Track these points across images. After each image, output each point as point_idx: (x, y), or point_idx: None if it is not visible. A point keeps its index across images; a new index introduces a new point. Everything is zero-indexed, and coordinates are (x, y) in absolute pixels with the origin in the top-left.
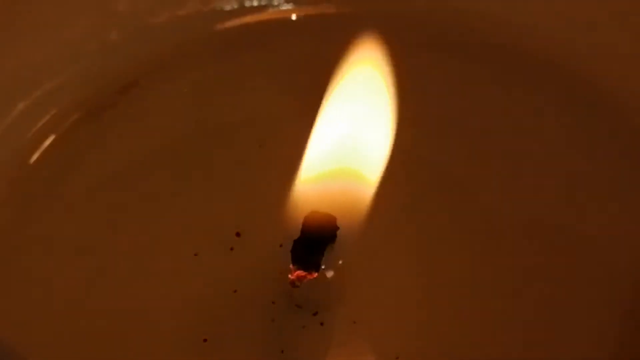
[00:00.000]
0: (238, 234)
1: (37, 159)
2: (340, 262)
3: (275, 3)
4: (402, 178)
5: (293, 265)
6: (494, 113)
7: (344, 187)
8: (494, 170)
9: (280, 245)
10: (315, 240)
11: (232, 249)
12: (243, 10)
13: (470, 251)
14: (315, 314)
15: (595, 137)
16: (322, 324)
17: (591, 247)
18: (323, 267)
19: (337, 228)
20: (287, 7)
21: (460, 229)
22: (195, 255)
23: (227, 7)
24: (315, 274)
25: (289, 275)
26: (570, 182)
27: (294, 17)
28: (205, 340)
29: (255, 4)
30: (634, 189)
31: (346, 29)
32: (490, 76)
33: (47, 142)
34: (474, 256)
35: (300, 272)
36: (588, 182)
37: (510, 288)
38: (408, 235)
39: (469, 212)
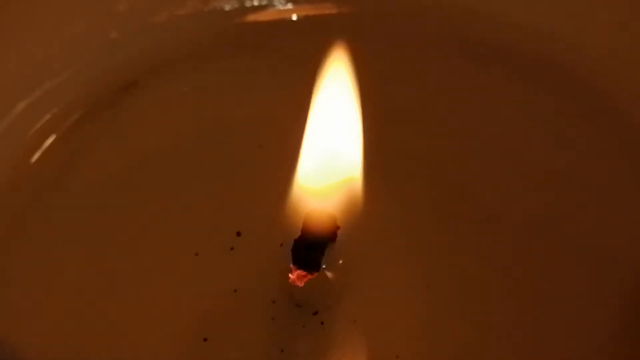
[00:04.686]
0: (238, 234)
1: (38, 158)
2: (340, 261)
3: (276, 3)
4: (401, 178)
5: (293, 264)
6: (494, 112)
7: (343, 190)
8: (493, 170)
9: (281, 245)
10: (316, 239)
11: (232, 248)
12: (243, 10)
13: (470, 251)
14: (315, 313)
15: (595, 137)
16: (322, 323)
17: (591, 246)
18: (323, 266)
19: (338, 228)
20: (287, 7)
21: (460, 229)
22: (196, 254)
23: (227, 7)
24: (316, 274)
25: (290, 275)
26: (570, 181)
27: (294, 17)
28: (205, 339)
29: (255, 4)
30: (634, 189)
31: (346, 29)
32: (490, 76)
33: (48, 142)
34: (474, 256)
35: (300, 272)
36: (588, 182)
37: (510, 287)
38: (408, 235)
39: (469, 212)
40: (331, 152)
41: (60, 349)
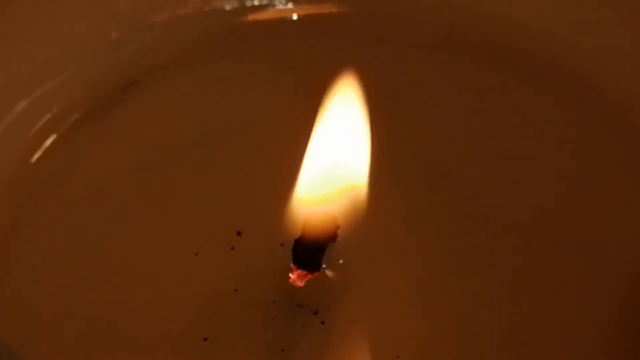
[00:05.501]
0: (239, 233)
1: (38, 158)
2: (340, 261)
3: (276, 3)
4: (402, 178)
5: (294, 264)
6: (494, 112)
7: (343, 195)
8: (493, 170)
9: (281, 245)
10: (316, 239)
11: (232, 248)
12: (243, 10)
13: (470, 251)
14: (315, 313)
15: (595, 137)
16: (322, 323)
17: (592, 246)
18: (324, 266)
19: (338, 228)
20: (287, 6)
21: (460, 229)
22: (196, 254)
23: (228, 7)
24: (316, 274)
25: (290, 275)
26: (570, 181)
27: (294, 17)
28: (205, 339)
29: (256, 3)
30: (634, 189)
31: (346, 29)
32: (490, 76)
33: (48, 142)
34: (474, 256)
35: (300, 272)
36: (588, 182)
37: (510, 287)
38: (408, 235)
39: (469, 212)
40: (334, 159)
41: (60, 349)
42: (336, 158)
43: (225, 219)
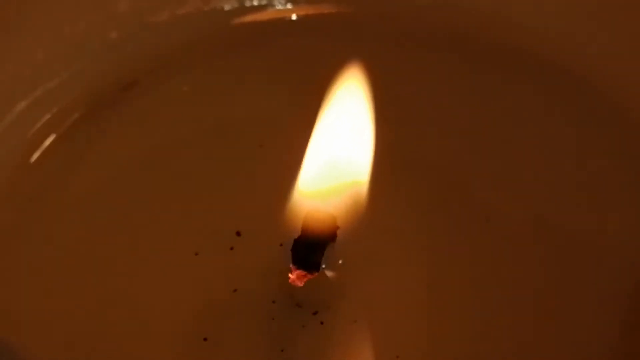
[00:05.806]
0: (238, 234)
1: (38, 158)
2: (340, 261)
3: (275, 3)
4: (402, 178)
5: (293, 264)
6: (493, 112)
7: (344, 191)
8: (493, 170)
9: (281, 245)
10: (316, 239)
11: (232, 248)
12: (243, 10)
13: (470, 250)
14: (315, 313)
15: (595, 137)
16: (322, 323)
17: (591, 246)
18: (323, 266)
19: (337, 227)
20: (287, 7)
21: (460, 229)
22: (196, 254)
23: (227, 7)
24: (316, 274)
25: (289, 275)
26: (570, 181)
27: (294, 17)
28: (205, 339)
29: (255, 3)
30: (634, 189)
31: (346, 29)
32: (490, 75)
33: (48, 141)
34: (474, 255)
35: (300, 272)
36: (588, 182)
37: (510, 287)
38: (408, 234)
39: (469, 212)
40: (336, 155)
41: (60, 349)
42: (338, 154)
43: (224, 219)
